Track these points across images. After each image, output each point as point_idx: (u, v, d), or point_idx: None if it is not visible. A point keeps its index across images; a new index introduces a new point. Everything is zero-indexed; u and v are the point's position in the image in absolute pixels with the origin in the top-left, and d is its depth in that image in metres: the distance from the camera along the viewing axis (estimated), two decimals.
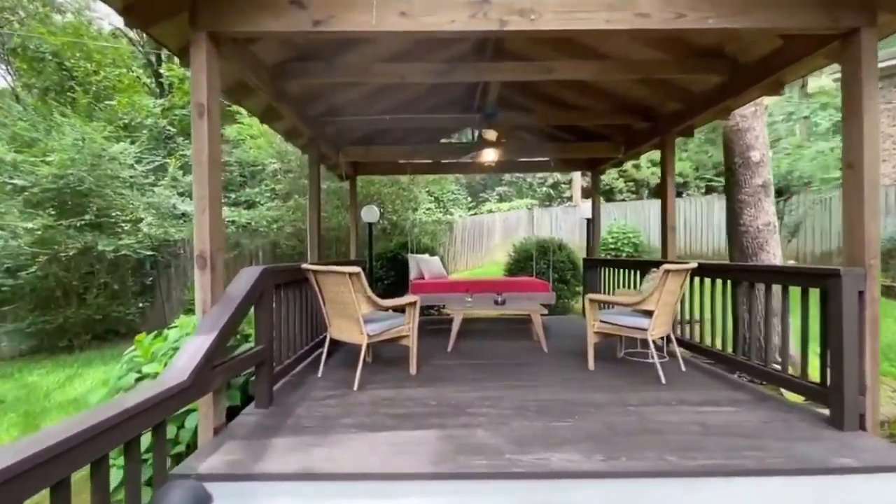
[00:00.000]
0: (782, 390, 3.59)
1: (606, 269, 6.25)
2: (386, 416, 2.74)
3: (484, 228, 15.18)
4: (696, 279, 3.97)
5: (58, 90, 13.11)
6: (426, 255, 6.80)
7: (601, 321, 3.75)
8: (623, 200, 18.67)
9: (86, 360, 7.01)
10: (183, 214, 9.08)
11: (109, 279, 7.81)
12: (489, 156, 4.71)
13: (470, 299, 4.57)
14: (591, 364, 3.77)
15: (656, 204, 14.61)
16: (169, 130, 12.56)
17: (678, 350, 3.75)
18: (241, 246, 9.75)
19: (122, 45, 15.89)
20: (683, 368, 3.74)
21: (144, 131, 11.99)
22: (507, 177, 20.82)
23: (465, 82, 5.41)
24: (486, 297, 5.56)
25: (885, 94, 11.30)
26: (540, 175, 19.99)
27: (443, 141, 6.41)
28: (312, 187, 4.65)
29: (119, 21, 3.43)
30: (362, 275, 3.17)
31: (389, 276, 7.40)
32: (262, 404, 2.87)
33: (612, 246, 12.48)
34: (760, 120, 4.59)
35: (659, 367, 3.43)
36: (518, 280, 6.12)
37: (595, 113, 5.09)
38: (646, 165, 20.20)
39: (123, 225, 8.21)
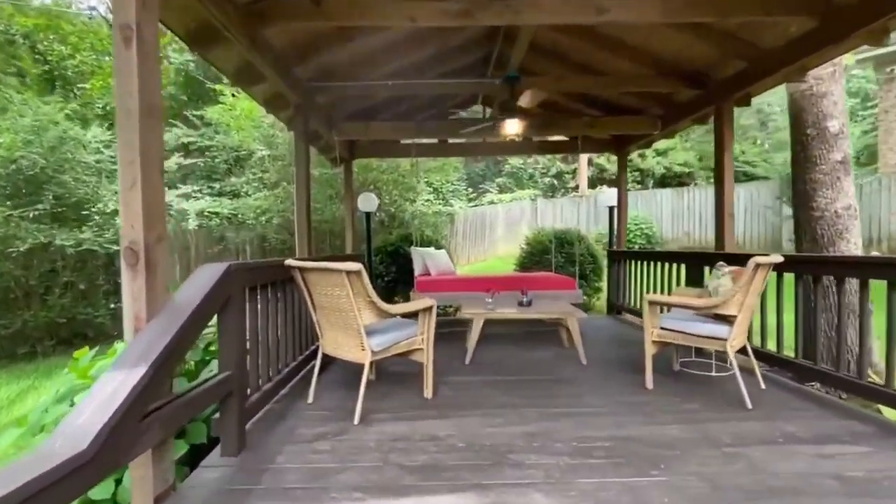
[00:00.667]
0: (880, 407, 2.89)
1: (636, 263, 5.51)
2: (401, 468, 1.98)
3: (486, 220, 14.41)
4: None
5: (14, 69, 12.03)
6: (431, 249, 6.03)
7: (663, 328, 3.01)
8: (629, 191, 17.98)
9: (46, 370, 6.19)
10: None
11: (74, 277, 6.96)
12: (513, 127, 3.94)
13: (490, 300, 3.82)
14: (648, 381, 3.03)
15: (666, 193, 13.90)
16: None
17: (755, 362, 3.01)
18: (225, 240, 8.94)
19: (101, 29, 14.88)
20: (763, 385, 3.01)
21: None
22: (507, 167, 20.03)
23: (478, 49, 4.62)
24: (507, 296, 4.82)
25: None
26: (542, 165, 19.23)
27: (453, 118, 5.62)
28: (300, 168, 3.86)
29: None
30: (363, 273, 2.40)
31: (390, 272, 6.63)
32: (231, 450, 2.10)
33: (628, 237, 11.77)
34: (839, 83, 3.86)
35: (742, 386, 2.70)
36: (538, 276, 5.37)
37: (633, 79, 4.32)
38: (651, 155, 19.52)
39: (94, 217, 7.36)
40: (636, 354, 3.97)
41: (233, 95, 8.81)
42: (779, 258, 2.82)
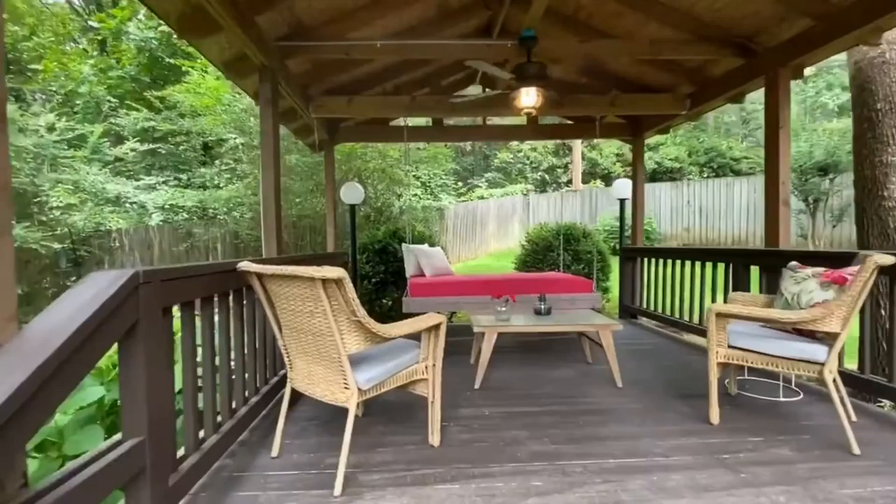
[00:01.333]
0: None
1: (657, 263, 4.89)
2: None
3: (477, 216, 13.73)
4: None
5: None
6: (425, 246, 5.31)
7: (733, 347, 2.36)
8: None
9: None
10: (117, 198, 7.31)
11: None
12: (529, 98, 3.25)
13: (504, 308, 3.13)
14: (714, 415, 2.37)
15: (664, 188, 13.42)
16: (111, 102, 10.55)
17: (842, 388, 2.37)
18: (193, 236, 8.05)
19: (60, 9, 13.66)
20: (854, 417, 2.38)
21: (78, 102, 10.01)
22: (496, 161, 19.39)
23: (482, 13, 3.91)
24: (519, 302, 4.16)
25: None
26: (532, 159, 18.64)
27: (455, 99, 4.90)
28: (267, 147, 3.09)
29: None
30: (347, 281, 1.67)
31: (377, 273, 5.89)
32: None
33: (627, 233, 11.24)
34: None
35: (847, 424, 2.06)
36: (549, 277, 4.70)
37: (668, 45, 3.66)
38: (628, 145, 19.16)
39: (40, 211, 6.42)
40: (674, 371, 3.35)
41: (203, 72, 7.90)
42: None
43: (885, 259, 2.00)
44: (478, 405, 2.68)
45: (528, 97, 3.29)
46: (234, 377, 2.12)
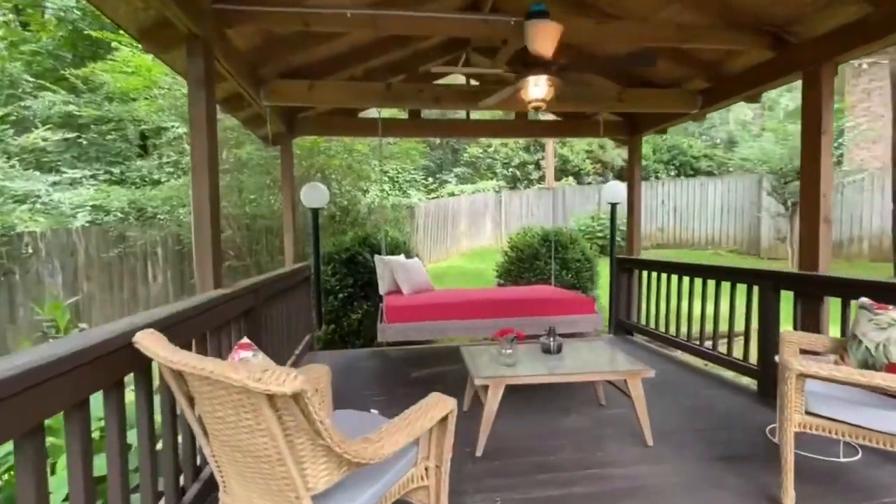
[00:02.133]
0: None
1: (658, 276, 4.44)
2: None
3: (449, 214, 13.09)
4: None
5: None
6: (401, 258, 4.62)
7: (814, 414, 1.85)
8: (590, 184, 17.39)
9: None
10: (26, 197, 6.13)
11: None
12: (539, 89, 2.63)
13: (510, 350, 2.51)
14: (789, 498, 1.86)
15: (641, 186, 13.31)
16: (27, 82, 9.06)
17: None
18: (127, 240, 6.95)
19: None
20: None
21: None
22: (465, 156, 18.80)
23: None
24: (516, 327, 3.58)
25: (874, 73, 10.45)
26: (504, 155, 18.17)
27: (442, 81, 4.19)
28: (198, 135, 2.31)
29: None
30: (310, 395, 0.97)
31: (344, 287, 5.14)
32: None
33: (600, 234, 10.95)
34: None
35: None
36: (543, 295, 4.13)
37: (694, 32, 3.13)
38: (611, 146, 19.13)
39: None
40: (702, 415, 2.86)
41: (134, 48, 6.73)
42: None
43: None
44: (486, 488, 2.06)
45: (538, 88, 2.66)
46: None
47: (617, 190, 5.43)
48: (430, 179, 16.16)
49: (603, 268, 6.33)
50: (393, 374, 3.80)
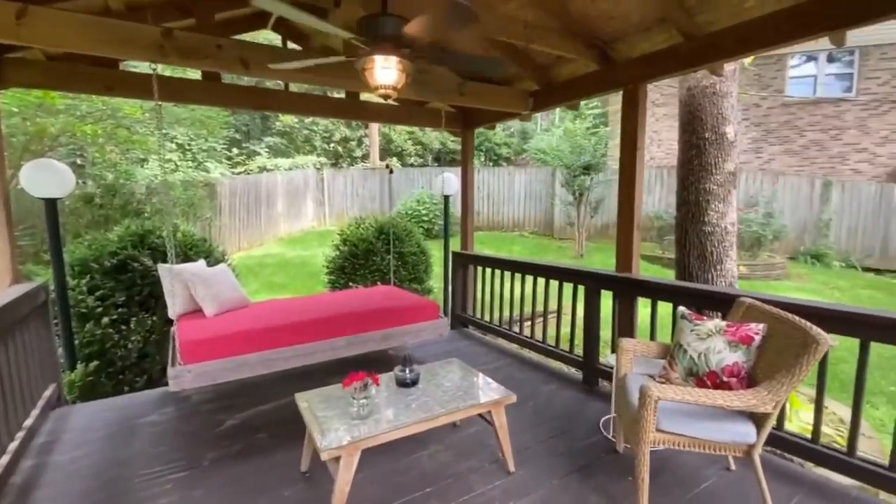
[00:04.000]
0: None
1: (492, 272, 4.54)
2: None
3: (261, 192, 11.40)
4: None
5: None
6: (199, 264, 3.53)
7: (663, 431, 1.94)
8: (412, 165, 17.67)
9: None
10: None
11: None
12: (388, 75, 2.10)
13: (365, 400, 2.02)
14: None
15: (455, 171, 14.01)
16: None
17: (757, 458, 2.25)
18: None
19: None
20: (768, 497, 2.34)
21: None
22: (278, 124, 16.72)
23: None
24: (354, 344, 3.13)
25: None
26: (324, 127, 16.79)
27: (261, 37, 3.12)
28: None
29: None
30: None
31: (112, 307, 3.71)
32: None
33: (426, 219, 11.12)
34: (736, 84, 3.56)
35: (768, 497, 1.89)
36: (384, 303, 3.70)
37: (537, 33, 3.03)
38: (429, 129, 19.77)
39: None
40: (549, 418, 2.90)
41: None
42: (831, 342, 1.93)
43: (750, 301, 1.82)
44: None
45: (388, 72, 2.13)
46: None
47: (451, 182, 5.35)
48: (235, 150, 13.80)
49: (437, 256, 6.30)
50: (196, 426, 2.87)
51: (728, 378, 2.08)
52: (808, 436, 2.31)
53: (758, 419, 1.90)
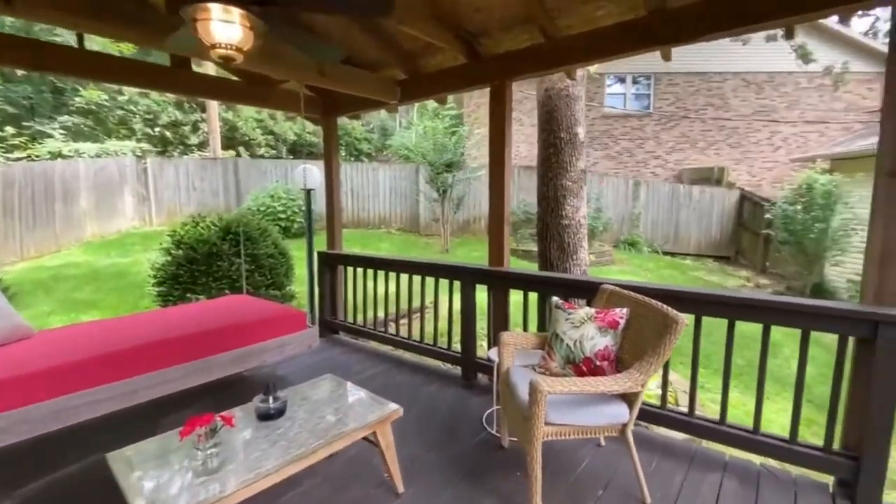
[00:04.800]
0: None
1: (365, 273, 4.25)
2: None
3: (55, 185, 8.95)
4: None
5: None
6: None
7: (552, 424, 1.94)
8: (263, 157, 16.00)
9: None
10: None
11: None
12: (227, 31, 1.64)
13: (213, 448, 1.55)
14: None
15: (317, 165, 13.04)
16: None
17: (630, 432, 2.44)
18: None
19: None
20: (602, 441, 2.52)
21: None
22: (78, 100, 13.38)
23: None
24: (197, 369, 2.59)
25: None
26: (146, 108, 13.98)
27: None
28: None
29: None
30: None
31: None
32: None
33: (283, 215, 10.11)
34: (584, 89, 3.85)
35: (640, 472, 2.05)
36: (233, 311, 3.10)
37: (405, 14, 2.83)
38: (282, 117, 18.27)
39: None
40: (434, 422, 2.77)
41: None
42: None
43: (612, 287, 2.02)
44: None
45: (229, 27, 1.68)
46: None
47: (313, 174, 4.84)
48: (11, 129, 10.60)
49: (297, 256, 5.69)
50: None
51: (601, 362, 2.20)
52: (657, 402, 2.62)
53: (629, 399, 2.04)
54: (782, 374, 4.79)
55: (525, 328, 3.26)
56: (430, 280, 3.76)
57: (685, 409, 2.54)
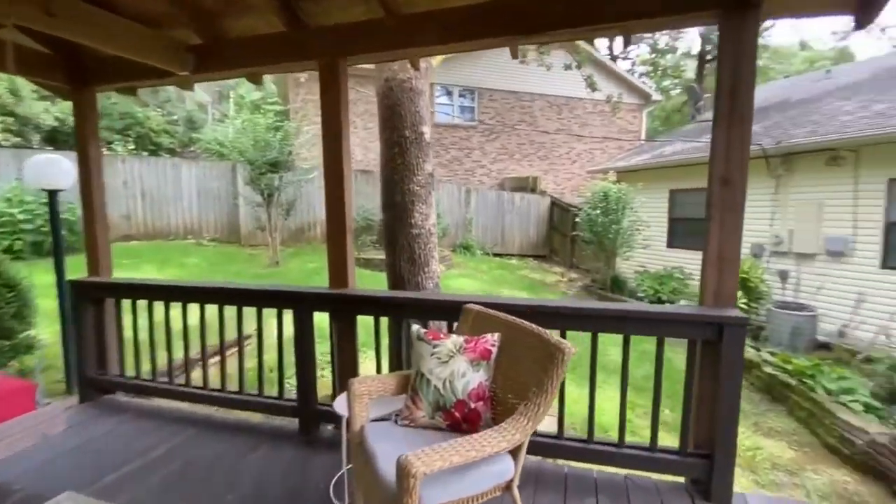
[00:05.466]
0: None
1: (151, 306, 3.08)
2: None
3: None
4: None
5: None
6: None
7: None
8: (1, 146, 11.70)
9: None
10: None
11: None
12: None
13: None
14: None
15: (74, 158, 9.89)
16: None
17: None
18: None
19: None
20: None
21: None
22: None
23: None
24: None
25: (309, 87, 12.91)
26: None
27: None
28: None
29: None
30: None
31: None
32: None
33: (28, 227, 7.34)
34: (429, 84, 3.44)
35: None
36: None
37: None
38: (31, 93, 13.93)
39: None
40: (269, 493, 2.01)
41: None
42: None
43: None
44: None
45: None
46: None
47: (55, 169, 3.37)
48: None
49: (41, 282, 3.99)
50: None
51: (475, 403, 1.81)
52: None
53: (513, 449, 1.69)
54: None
55: (378, 359, 2.72)
56: (251, 310, 2.88)
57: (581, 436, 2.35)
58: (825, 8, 2.11)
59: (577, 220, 10.33)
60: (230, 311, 2.89)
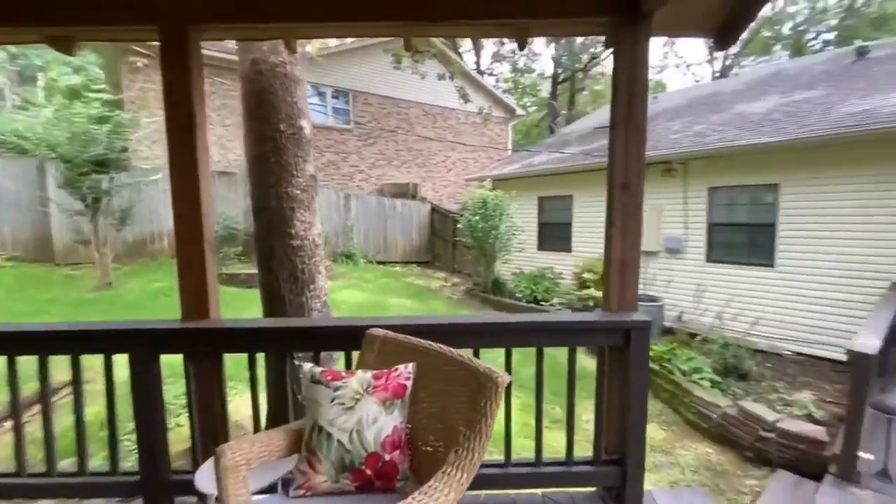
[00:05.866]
0: None
1: None
2: None
3: None
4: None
5: None
6: None
7: None
8: None
9: None
10: None
11: None
12: None
13: None
14: None
15: None
16: None
17: None
18: None
19: None
20: None
21: None
22: None
23: None
24: None
25: (148, 74, 11.02)
26: None
27: None
28: None
29: None
30: None
31: None
32: None
33: None
34: (305, 73, 2.91)
35: None
36: None
37: None
38: None
39: None
40: None
41: None
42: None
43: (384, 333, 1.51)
44: None
45: None
46: None
47: None
48: None
49: None
50: None
51: (391, 454, 1.50)
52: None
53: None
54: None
55: (254, 397, 2.19)
56: (61, 359, 2.09)
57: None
58: (694, 32, 2.32)
59: (459, 225, 10.53)
60: (30, 363, 2.06)
